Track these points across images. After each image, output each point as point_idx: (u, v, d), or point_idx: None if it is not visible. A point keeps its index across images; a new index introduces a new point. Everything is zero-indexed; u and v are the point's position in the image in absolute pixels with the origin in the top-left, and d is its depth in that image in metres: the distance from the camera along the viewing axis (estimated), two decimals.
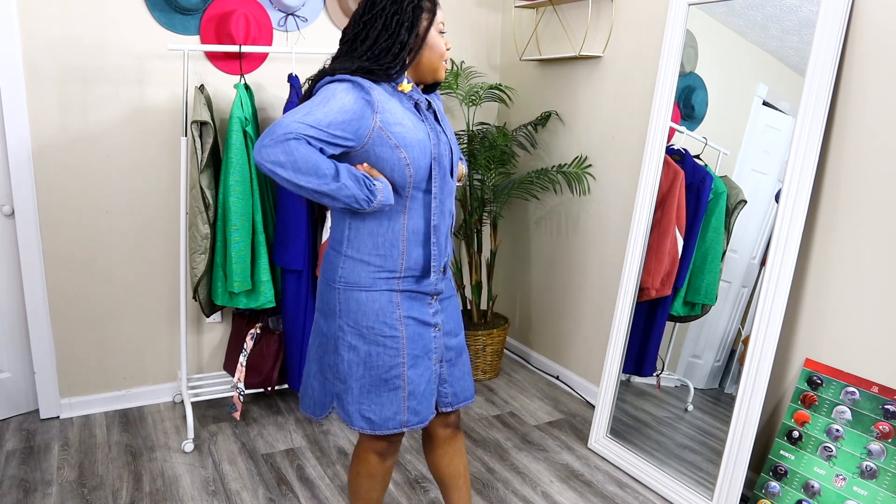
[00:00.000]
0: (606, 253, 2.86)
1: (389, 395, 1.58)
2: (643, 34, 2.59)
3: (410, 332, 1.58)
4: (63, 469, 2.34)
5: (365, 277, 1.55)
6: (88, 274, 2.65)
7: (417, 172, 1.50)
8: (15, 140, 2.43)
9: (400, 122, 1.48)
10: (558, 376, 3.21)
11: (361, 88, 1.43)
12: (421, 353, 1.61)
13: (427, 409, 1.63)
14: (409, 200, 1.53)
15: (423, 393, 1.61)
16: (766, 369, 2.03)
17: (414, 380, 1.59)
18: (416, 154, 1.49)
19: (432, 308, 1.64)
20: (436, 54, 1.54)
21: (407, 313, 1.58)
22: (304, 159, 1.35)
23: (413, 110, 1.54)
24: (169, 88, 2.63)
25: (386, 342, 1.56)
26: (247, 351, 2.63)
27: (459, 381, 1.73)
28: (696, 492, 2.20)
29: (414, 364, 1.59)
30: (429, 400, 1.63)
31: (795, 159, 1.98)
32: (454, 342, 1.71)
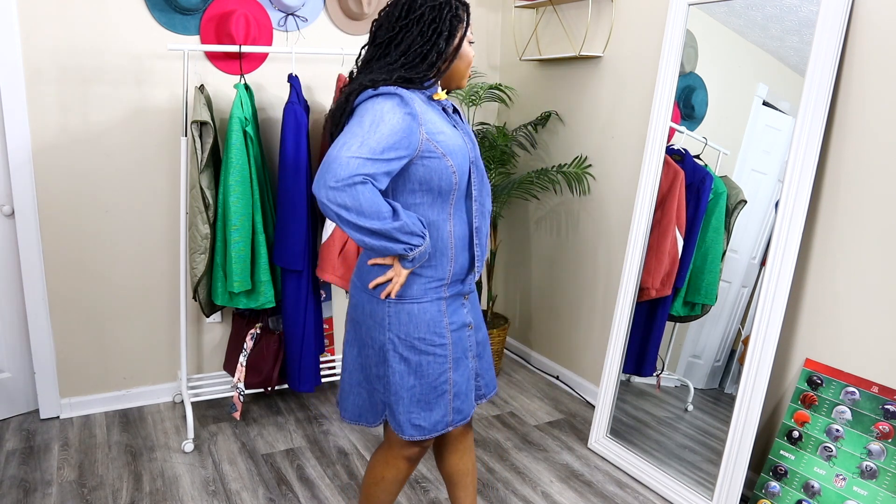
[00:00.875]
0: (606, 253, 2.86)
1: (438, 400, 1.59)
2: (643, 34, 2.59)
3: (455, 337, 1.61)
4: (63, 469, 2.34)
5: (417, 290, 1.55)
6: (88, 274, 2.65)
7: (462, 178, 1.52)
8: (15, 140, 2.43)
9: (442, 131, 1.49)
10: (558, 376, 3.21)
11: (407, 104, 1.42)
12: (461, 355, 1.63)
13: (469, 405, 1.67)
14: (453, 207, 1.54)
15: (465, 391, 1.65)
16: (766, 369, 2.03)
17: (458, 381, 1.62)
18: (460, 160, 1.50)
19: (465, 307, 1.67)
20: (464, 63, 1.57)
21: (451, 318, 1.61)
22: (369, 202, 1.36)
23: (445, 116, 1.56)
24: (169, 88, 2.63)
25: (436, 351, 1.57)
26: (247, 351, 2.63)
27: (487, 371, 1.78)
28: (696, 492, 2.20)
29: (456, 366, 1.62)
30: (469, 396, 1.68)
31: (795, 159, 1.98)
32: (480, 336, 1.75)
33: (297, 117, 2.44)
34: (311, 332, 2.61)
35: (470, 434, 1.83)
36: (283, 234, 2.49)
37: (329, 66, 2.84)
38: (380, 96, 1.43)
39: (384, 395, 1.61)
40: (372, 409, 1.66)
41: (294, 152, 2.46)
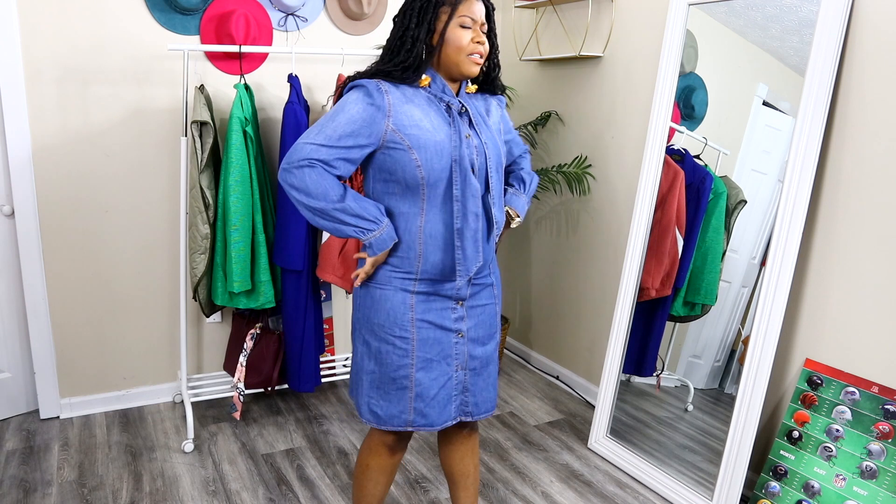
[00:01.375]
0: (606, 253, 2.86)
1: (396, 393, 1.59)
2: (643, 34, 2.59)
3: (424, 336, 1.58)
4: (63, 469, 2.34)
5: (381, 275, 1.57)
6: (88, 273, 2.65)
7: (430, 174, 1.49)
8: (15, 140, 2.43)
9: (417, 125, 1.48)
10: (558, 376, 3.21)
11: (371, 95, 1.47)
12: (436, 358, 1.59)
13: (438, 413, 1.61)
14: (425, 202, 1.52)
15: (434, 397, 1.60)
16: (766, 369, 2.03)
17: (423, 382, 1.58)
18: (430, 156, 1.48)
19: (455, 313, 1.61)
20: (452, 48, 1.49)
21: (422, 316, 1.57)
22: (315, 184, 1.46)
23: (443, 112, 1.53)
24: (169, 88, 2.63)
25: (395, 342, 1.57)
26: (247, 351, 2.63)
27: (482, 391, 1.69)
28: (696, 492, 2.20)
29: (425, 367, 1.58)
30: (442, 406, 1.61)
31: (795, 159, 1.98)
32: (480, 351, 1.66)
33: (297, 117, 2.44)
34: (311, 332, 2.61)
35: (473, 437, 1.82)
36: (283, 234, 2.49)
37: (329, 66, 2.84)
38: (353, 88, 1.50)
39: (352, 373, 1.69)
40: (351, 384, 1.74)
41: None
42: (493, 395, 1.72)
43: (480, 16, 1.50)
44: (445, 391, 1.62)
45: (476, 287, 1.64)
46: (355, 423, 2.74)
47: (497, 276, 1.73)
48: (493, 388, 1.72)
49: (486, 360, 1.69)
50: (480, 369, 1.67)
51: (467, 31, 1.49)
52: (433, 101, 1.53)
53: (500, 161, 1.60)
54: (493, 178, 1.56)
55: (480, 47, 1.50)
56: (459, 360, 1.63)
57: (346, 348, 3.17)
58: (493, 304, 1.70)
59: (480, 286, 1.65)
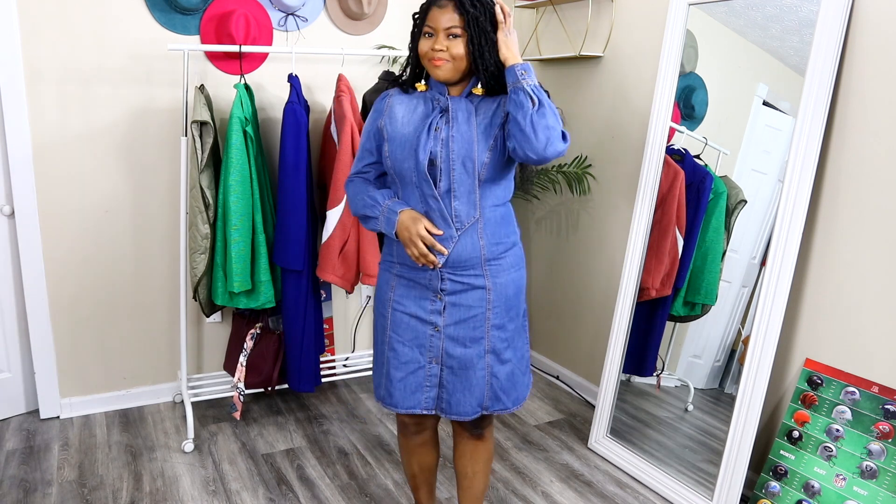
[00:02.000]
0: (606, 253, 2.86)
1: (378, 368, 1.75)
2: (643, 34, 2.59)
3: (398, 319, 1.68)
4: (63, 469, 2.34)
5: (383, 258, 1.76)
6: (88, 274, 2.65)
7: (395, 164, 1.63)
8: (15, 140, 2.43)
9: (396, 120, 1.65)
10: (558, 376, 3.21)
11: (377, 106, 1.71)
12: (408, 343, 1.67)
13: (402, 397, 1.69)
14: (400, 190, 1.66)
15: (400, 380, 1.67)
16: (766, 369, 2.03)
17: (392, 363, 1.68)
18: (395, 147, 1.62)
19: (434, 305, 1.64)
20: (421, 57, 1.61)
21: (400, 300, 1.68)
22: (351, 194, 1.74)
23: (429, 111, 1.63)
24: (169, 88, 2.63)
25: (379, 319, 1.75)
26: (247, 351, 2.63)
27: (457, 393, 1.67)
28: (696, 492, 2.20)
29: (395, 349, 1.68)
30: (409, 392, 1.68)
31: (795, 159, 1.98)
32: (459, 352, 1.65)
33: (297, 117, 2.44)
34: (311, 332, 2.61)
35: (469, 440, 1.81)
36: (283, 234, 2.49)
37: (329, 66, 2.84)
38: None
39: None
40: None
41: (294, 152, 2.46)
42: (470, 401, 1.67)
43: (442, 24, 1.54)
44: (415, 378, 1.67)
45: (460, 285, 1.62)
46: (355, 423, 2.74)
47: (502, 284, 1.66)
48: (470, 394, 1.67)
49: (465, 363, 1.65)
50: (459, 370, 1.66)
51: (428, 39, 1.58)
52: (429, 102, 1.65)
53: (468, 156, 1.57)
54: (456, 171, 1.57)
55: (435, 53, 1.56)
56: (434, 354, 1.66)
57: (346, 348, 3.17)
58: (483, 310, 1.65)
59: (465, 285, 1.63)
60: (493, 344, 1.67)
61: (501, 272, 1.66)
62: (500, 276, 1.66)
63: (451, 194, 1.58)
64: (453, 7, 1.53)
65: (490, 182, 1.61)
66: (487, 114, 1.60)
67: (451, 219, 1.59)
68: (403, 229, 1.59)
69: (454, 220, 1.59)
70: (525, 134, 1.47)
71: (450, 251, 1.60)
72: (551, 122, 1.47)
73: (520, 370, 1.74)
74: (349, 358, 3.11)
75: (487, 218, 1.62)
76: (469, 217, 1.60)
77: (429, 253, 1.58)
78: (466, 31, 1.54)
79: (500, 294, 1.66)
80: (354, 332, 3.19)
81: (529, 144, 1.47)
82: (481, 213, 1.61)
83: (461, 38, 1.54)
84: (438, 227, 1.60)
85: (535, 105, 1.47)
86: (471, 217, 1.60)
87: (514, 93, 1.49)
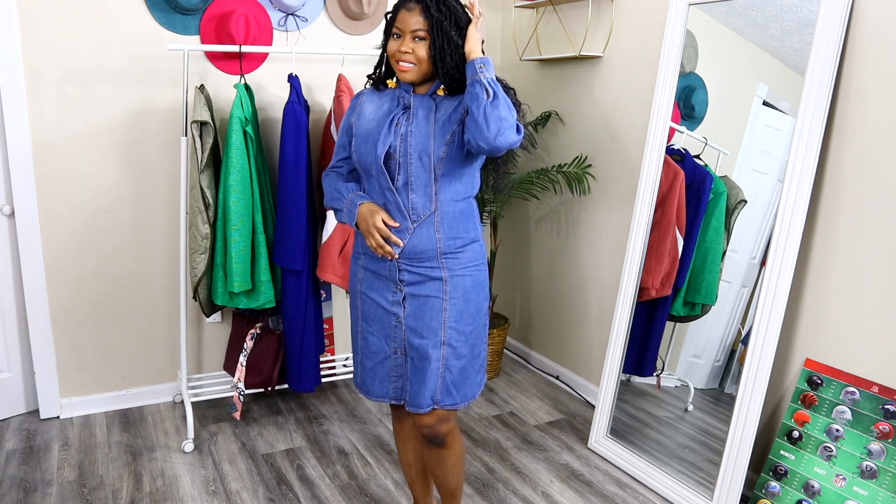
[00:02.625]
0: (606, 253, 2.86)
1: (355, 354, 1.84)
2: (643, 34, 2.59)
3: (366, 308, 1.77)
4: (63, 469, 2.34)
5: (354, 248, 1.83)
6: (88, 274, 2.65)
7: (359, 157, 1.70)
8: (15, 140, 2.43)
9: (363, 116, 1.71)
10: (558, 376, 3.21)
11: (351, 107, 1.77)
12: (376, 333, 1.75)
13: (374, 386, 1.78)
14: (364, 183, 1.73)
15: (370, 369, 1.78)
16: (766, 369, 2.03)
17: (363, 352, 1.79)
18: (360, 142, 1.69)
19: (395, 296, 1.71)
20: (390, 59, 1.65)
21: (366, 290, 1.76)
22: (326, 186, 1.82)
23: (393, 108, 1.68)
24: (169, 88, 2.63)
25: (351, 309, 1.85)
26: (247, 351, 2.63)
27: (415, 384, 1.69)
28: (696, 492, 2.20)
29: (366, 339, 1.77)
30: (380, 380, 1.77)
31: (795, 159, 1.98)
32: (417, 343, 1.68)
33: (297, 117, 2.44)
34: (311, 332, 2.61)
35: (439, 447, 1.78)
36: (283, 234, 2.49)
37: (329, 66, 2.84)
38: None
39: None
40: None
41: (294, 152, 2.46)
42: (424, 393, 1.68)
43: (410, 26, 1.58)
44: (383, 368, 1.76)
45: (417, 276, 1.67)
46: (355, 423, 2.74)
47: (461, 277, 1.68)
48: (426, 387, 1.67)
49: (422, 355, 1.67)
50: (418, 361, 1.69)
51: (396, 40, 1.62)
52: (394, 99, 1.70)
53: (425, 150, 1.61)
54: (413, 165, 1.62)
55: (401, 55, 1.60)
56: (398, 344, 1.73)
57: (346, 348, 3.17)
58: (439, 300, 1.66)
59: (422, 276, 1.67)
60: (449, 336, 1.68)
61: (458, 266, 1.69)
62: (457, 270, 1.68)
63: (409, 187, 1.64)
64: (420, 10, 1.58)
65: (448, 177, 1.64)
66: (447, 110, 1.64)
67: (408, 211, 1.65)
68: (362, 220, 1.67)
69: (410, 212, 1.65)
70: (478, 124, 1.50)
71: (405, 242, 1.65)
72: (504, 114, 1.51)
73: (473, 368, 1.75)
74: (349, 358, 3.11)
75: (445, 212, 1.65)
76: (425, 210, 1.64)
77: (385, 244, 1.65)
78: (430, 34, 1.58)
79: (456, 286, 1.68)
80: None
81: (481, 134, 1.50)
82: (438, 207, 1.65)
83: (425, 41, 1.58)
84: (395, 219, 1.66)
85: (490, 97, 1.51)
86: (427, 210, 1.64)
87: (472, 85, 1.54)
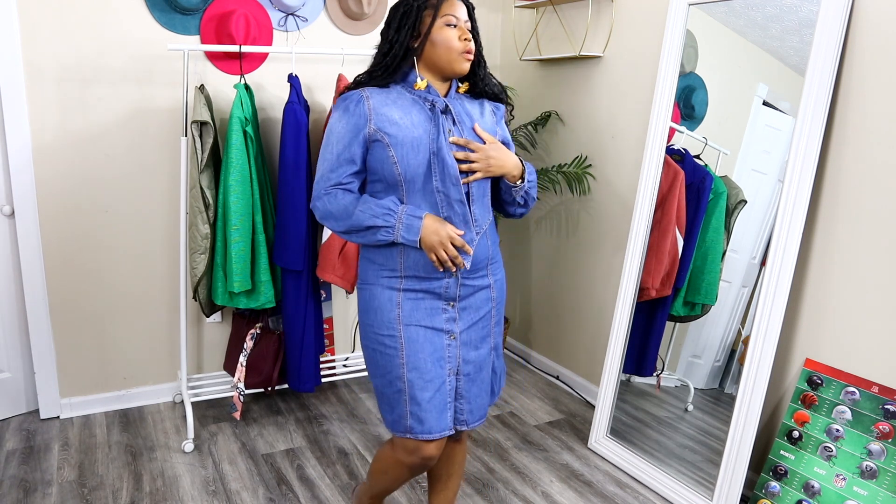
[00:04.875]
0: (606, 253, 2.86)
1: (395, 396, 1.56)
2: (643, 34, 2.59)
3: (412, 335, 1.55)
4: (63, 469, 2.34)
5: (371, 274, 1.60)
6: (88, 274, 2.65)
7: (407, 170, 1.51)
8: (15, 140, 2.43)
9: (396, 123, 1.51)
10: (558, 376, 3.21)
11: (349, 109, 1.53)
12: (429, 359, 1.54)
13: (435, 421, 1.55)
14: (405, 197, 1.54)
15: (429, 401, 1.54)
16: (766, 369, 2.03)
17: (416, 384, 1.54)
18: (406, 151, 1.50)
19: (447, 314, 1.59)
20: (441, 48, 1.52)
21: (410, 315, 1.56)
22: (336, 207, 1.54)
23: (426, 111, 1.55)
24: (169, 88, 2.63)
25: (385, 341, 1.56)
26: (247, 351, 2.63)
27: (476, 398, 1.64)
28: (696, 492, 2.20)
29: (416, 369, 1.54)
30: (439, 412, 1.55)
31: (795, 159, 1.98)
32: (473, 355, 1.63)
33: (297, 117, 2.44)
34: (311, 332, 2.61)
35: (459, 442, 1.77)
36: (283, 234, 2.49)
37: (329, 66, 2.84)
38: (335, 107, 1.58)
39: None
40: None
41: (294, 152, 2.46)
42: (485, 403, 1.69)
43: (464, 15, 1.55)
44: (441, 396, 1.56)
45: (469, 288, 1.61)
46: (355, 423, 2.74)
47: (499, 280, 1.70)
48: (487, 394, 1.69)
49: (481, 365, 1.65)
50: (475, 375, 1.64)
51: (454, 30, 1.52)
52: (418, 102, 1.56)
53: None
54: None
55: (469, 44, 1.54)
56: (452, 364, 1.59)
57: (346, 348, 3.17)
58: (490, 308, 1.66)
59: (474, 287, 1.62)
60: (496, 339, 1.70)
61: (498, 269, 1.70)
62: (498, 273, 1.69)
63: (470, 198, 1.57)
64: (464, 5, 1.55)
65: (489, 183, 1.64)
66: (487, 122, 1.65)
67: (472, 222, 1.56)
68: (431, 233, 1.49)
69: (474, 223, 1.57)
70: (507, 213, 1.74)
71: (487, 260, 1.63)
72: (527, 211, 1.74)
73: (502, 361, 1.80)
74: (349, 358, 3.11)
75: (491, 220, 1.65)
76: (485, 219, 1.61)
77: (458, 255, 1.51)
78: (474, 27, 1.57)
79: (500, 290, 1.70)
80: (354, 332, 3.19)
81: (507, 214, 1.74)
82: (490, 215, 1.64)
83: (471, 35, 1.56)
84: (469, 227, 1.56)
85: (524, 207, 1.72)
86: (486, 219, 1.61)
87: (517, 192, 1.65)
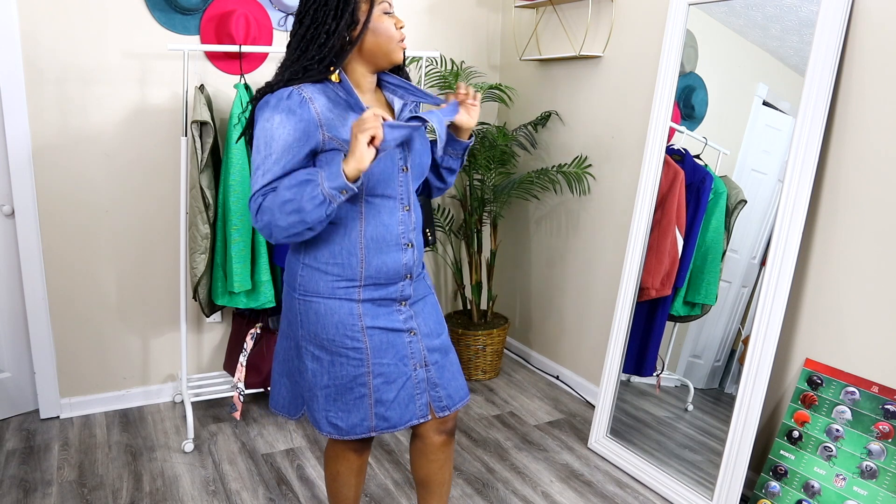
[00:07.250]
0: (606, 253, 2.86)
1: (355, 402, 1.55)
2: (643, 34, 2.59)
3: (376, 342, 1.54)
4: (63, 469, 2.34)
5: (323, 287, 1.51)
6: (88, 274, 2.65)
7: (370, 178, 1.45)
8: (15, 140, 2.43)
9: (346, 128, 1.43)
10: (558, 376, 3.21)
11: (294, 111, 1.39)
12: (392, 361, 1.56)
13: (399, 414, 1.57)
14: (364, 206, 1.49)
15: (394, 400, 1.56)
16: (766, 369, 2.03)
17: (381, 388, 1.54)
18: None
19: (402, 314, 1.59)
20: (383, 38, 1.44)
21: (372, 323, 1.53)
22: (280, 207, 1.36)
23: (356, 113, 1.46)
24: (169, 88, 2.63)
25: (349, 353, 1.53)
26: (247, 351, 2.63)
27: (451, 381, 1.67)
28: (696, 492, 2.20)
29: (382, 373, 1.54)
30: (404, 406, 1.58)
31: (795, 159, 1.98)
32: (437, 343, 1.65)
33: None
34: None
35: (450, 444, 1.74)
36: None
37: None
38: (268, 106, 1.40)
39: (301, 388, 1.62)
40: (293, 401, 1.67)
41: None
42: (463, 382, 1.71)
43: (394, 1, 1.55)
44: (405, 392, 1.58)
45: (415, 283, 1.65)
46: None
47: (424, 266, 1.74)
48: (460, 374, 1.71)
49: (446, 350, 1.68)
50: (443, 360, 1.66)
51: (391, 17, 1.46)
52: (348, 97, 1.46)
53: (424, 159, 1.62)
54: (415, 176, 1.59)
55: (404, 33, 1.48)
56: (416, 359, 1.60)
57: None
58: (432, 294, 1.71)
59: (417, 281, 1.66)
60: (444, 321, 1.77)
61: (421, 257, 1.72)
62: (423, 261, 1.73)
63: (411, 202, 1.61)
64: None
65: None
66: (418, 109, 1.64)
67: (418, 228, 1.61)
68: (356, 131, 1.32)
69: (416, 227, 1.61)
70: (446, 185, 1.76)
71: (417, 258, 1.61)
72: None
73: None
74: None
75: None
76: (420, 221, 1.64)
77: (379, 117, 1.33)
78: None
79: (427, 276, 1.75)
80: None
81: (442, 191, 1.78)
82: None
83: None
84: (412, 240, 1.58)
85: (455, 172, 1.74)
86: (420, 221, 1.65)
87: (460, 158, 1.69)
